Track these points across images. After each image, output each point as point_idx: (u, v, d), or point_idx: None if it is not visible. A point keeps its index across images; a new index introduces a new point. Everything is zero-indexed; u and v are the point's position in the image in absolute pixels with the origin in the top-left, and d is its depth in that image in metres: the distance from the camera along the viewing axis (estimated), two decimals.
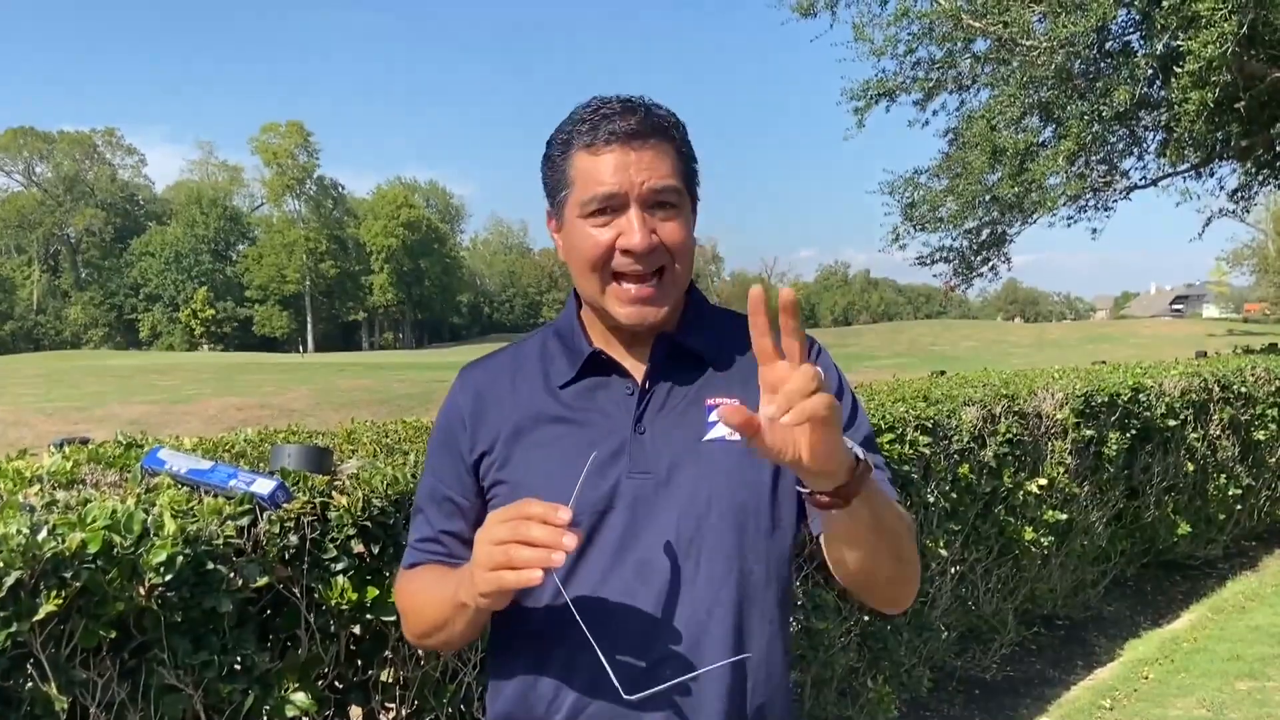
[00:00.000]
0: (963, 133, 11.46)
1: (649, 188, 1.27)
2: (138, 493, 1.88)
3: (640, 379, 1.35)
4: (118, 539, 1.70)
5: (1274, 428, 6.75)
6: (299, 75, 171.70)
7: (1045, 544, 4.60)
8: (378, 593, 2.10)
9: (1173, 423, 5.64)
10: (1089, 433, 4.95)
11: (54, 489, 1.88)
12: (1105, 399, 5.13)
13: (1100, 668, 4.85)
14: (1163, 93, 9.95)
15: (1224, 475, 6.26)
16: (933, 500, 3.88)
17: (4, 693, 1.65)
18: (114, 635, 1.74)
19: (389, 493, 2.16)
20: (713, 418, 1.32)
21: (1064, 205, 11.12)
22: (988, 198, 11.28)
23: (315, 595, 2.05)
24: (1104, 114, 9.75)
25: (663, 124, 1.31)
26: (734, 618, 1.29)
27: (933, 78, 11.34)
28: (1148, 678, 4.60)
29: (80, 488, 1.93)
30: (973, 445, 4.17)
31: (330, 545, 2.07)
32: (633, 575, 1.28)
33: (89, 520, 1.70)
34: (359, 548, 2.11)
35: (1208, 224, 13.41)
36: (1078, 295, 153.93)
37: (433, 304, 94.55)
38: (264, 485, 1.97)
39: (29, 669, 1.66)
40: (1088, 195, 11.50)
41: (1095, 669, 4.83)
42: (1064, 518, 4.71)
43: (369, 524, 2.11)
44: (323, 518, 2.07)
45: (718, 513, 1.29)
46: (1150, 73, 9.62)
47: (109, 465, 2.09)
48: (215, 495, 1.94)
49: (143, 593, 1.75)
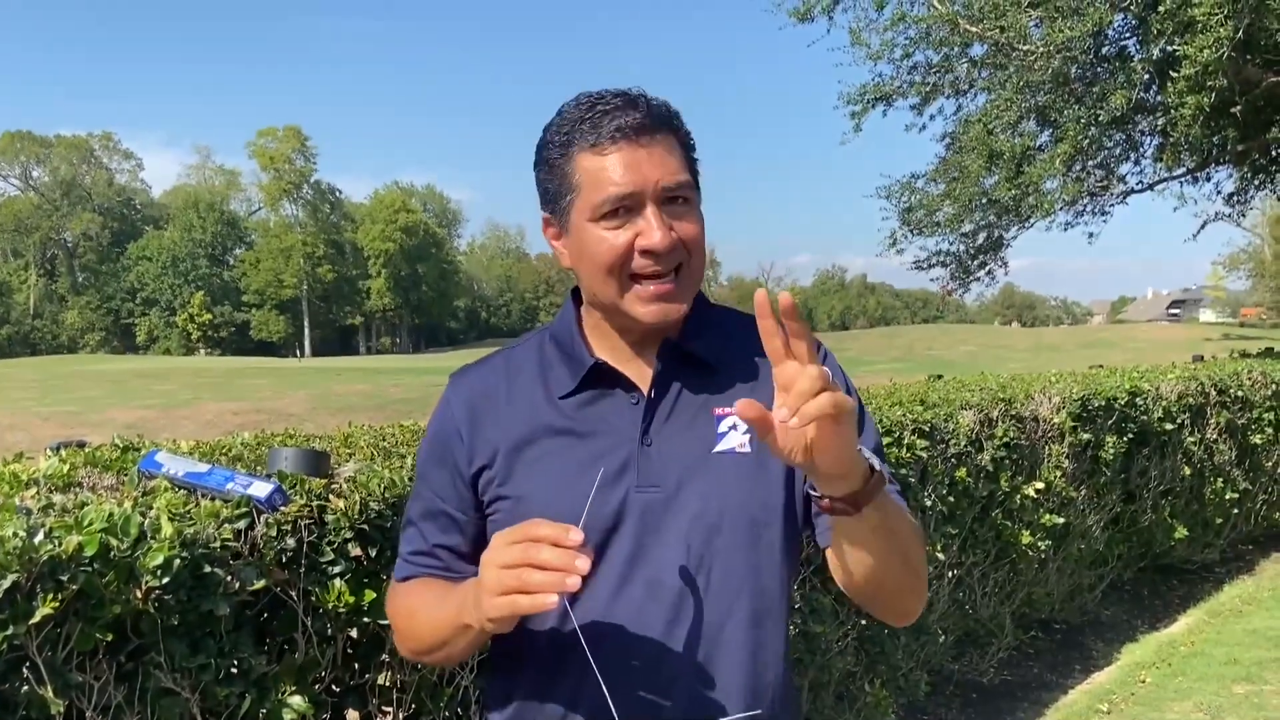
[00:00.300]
0: (959, 137, 11.47)
1: (663, 185, 1.22)
2: (135, 496, 1.88)
3: (645, 388, 1.29)
4: (115, 542, 1.70)
5: (1270, 431, 6.76)
6: (296, 80, 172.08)
7: (1042, 548, 4.61)
8: (375, 596, 2.10)
9: (1169, 427, 5.64)
10: (1086, 437, 4.96)
11: (51, 492, 1.87)
12: (1102, 403, 5.14)
13: (1097, 672, 4.85)
14: (1159, 97, 9.96)
15: (1221, 479, 6.27)
16: (930, 504, 3.88)
17: (0, 696, 1.65)
18: (111, 638, 1.73)
19: (386, 496, 2.16)
20: (722, 428, 1.28)
21: (1061, 209, 11.13)
22: (984, 201, 11.28)
23: (312, 598, 2.05)
24: (1100, 118, 9.77)
25: (665, 115, 1.26)
26: (748, 634, 1.25)
27: (929, 82, 11.35)
28: (1145, 681, 4.61)
29: (77, 491, 1.93)
30: (970, 449, 4.17)
31: (327, 548, 2.07)
32: (643, 594, 1.23)
33: (86, 523, 1.69)
34: (356, 551, 2.11)
35: (1203, 227, 13.47)
36: (1075, 300, 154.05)
37: (430, 309, 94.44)
38: (261, 488, 1.97)
39: (25, 672, 1.66)
40: (1084, 199, 11.52)
41: (1092, 673, 4.84)
42: (1061, 521, 4.71)
43: (366, 527, 2.11)
44: (320, 521, 2.07)
45: (730, 527, 1.25)
46: (1146, 77, 9.64)
47: (106, 468, 2.09)
48: (212, 498, 1.93)
49: (139, 596, 1.75)
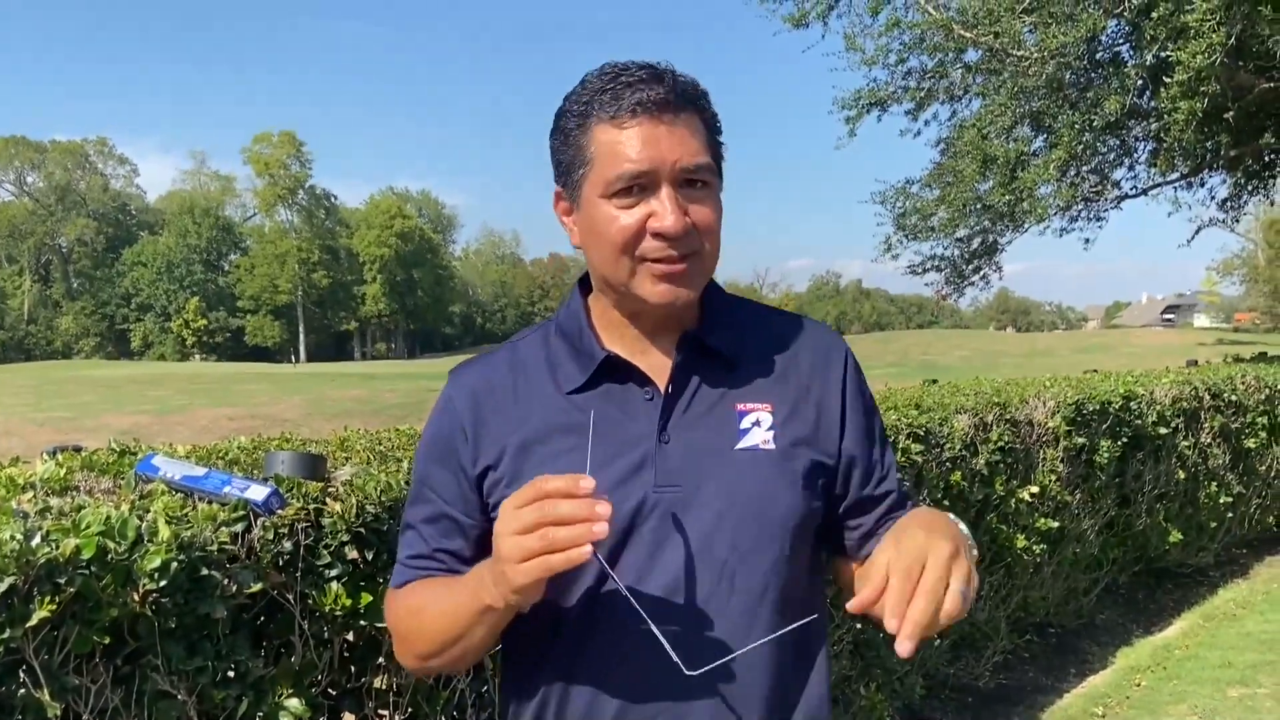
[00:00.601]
0: (954, 142, 11.50)
1: (681, 166, 1.15)
2: (132, 499, 1.88)
3: (662, 383, 1.23)
4: (112, 545, 1.70)
5: (1264, 436, 6.78)
6: (292, 86, 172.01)
7: (1037, 552, 4.61)
8: (372, 599, 2.10)
9: (1164, 431, 5.66)
10: (1080, 441, 4.97)
11: (48, 495, 1.87)
12: (1097, 407, 5.15)
13: (1092, 675, 4.85)
14: (1153, 103, 10.00)
15: (1215, 483, 6.28)
16: None
17: None
18: (108, 641, 1.74)
19: (383, 499, 2.16)
20: (745, 424, 1.22)
21: (1055, 215, 11.17)
22: (979, 206, 11.32)
23: (309, 601, 2.05)
24: (1095, 124, 9.80)
25: (691, 93, 1.19)
26: (771, 640, 1.21)
27: (924, 87, 11.37)
28: (1140, 685, 4.61)
29: (74, 494, 1.93)
30: (965, 453, 4.18)
31: (324, 551, 2.07)
32: (662, 598, 1.18)
33: (83, 526, 1.69)
34: (353, 554, 2.11)
35: (1197, 232, 13.50)
36: (1069, 305, 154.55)
37: (425, 314, 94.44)
38: (258, 492, 1.97)
39: (22, 675, 1.66)
40: (1079, 205, 11.55)
41: (1088, 676, 4.84)
42: (1056, 525, 4.72)
43: (363, 530, 2.11)
44: (316, 524, 2.07)
45: (755, 528, 1.19)
46: (1140, 83, 9.68)
47: (103, 472, 2.09)
48: (209, 502, 1.94)
49: (136, 599, 1.75)
